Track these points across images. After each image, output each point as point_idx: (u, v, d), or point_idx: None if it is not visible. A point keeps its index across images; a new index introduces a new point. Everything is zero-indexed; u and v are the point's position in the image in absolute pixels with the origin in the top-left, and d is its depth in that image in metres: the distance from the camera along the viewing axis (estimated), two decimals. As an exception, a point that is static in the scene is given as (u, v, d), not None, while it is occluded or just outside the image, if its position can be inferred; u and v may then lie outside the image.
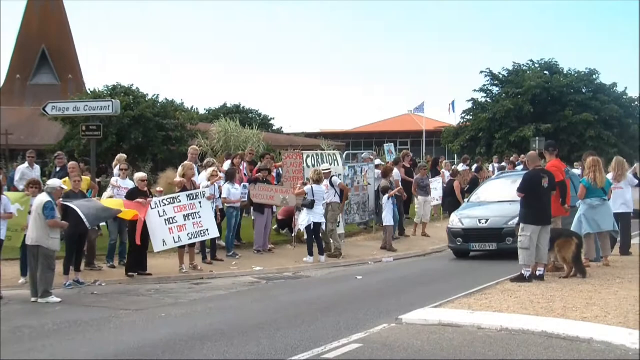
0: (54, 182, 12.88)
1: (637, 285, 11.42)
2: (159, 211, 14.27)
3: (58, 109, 17.50)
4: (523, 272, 12.22)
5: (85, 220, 12.80)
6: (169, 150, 34.54)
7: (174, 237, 14.37)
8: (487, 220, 16.27)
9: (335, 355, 7.86)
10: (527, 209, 12.43)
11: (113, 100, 16.35)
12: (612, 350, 7.81)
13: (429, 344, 8.28)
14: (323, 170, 17.25)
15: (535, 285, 11.69)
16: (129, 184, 15.28)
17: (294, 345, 8.37)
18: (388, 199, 18.31)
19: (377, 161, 22.18)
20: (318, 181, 16.53)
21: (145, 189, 14.63)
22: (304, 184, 16.80)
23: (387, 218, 18.25)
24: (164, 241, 14.33)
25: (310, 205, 16.23)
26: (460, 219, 16.80)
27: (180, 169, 15.57)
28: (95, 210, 13.29)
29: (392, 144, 29.88)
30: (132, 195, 14.34)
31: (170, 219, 14.34)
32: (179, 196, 14.67)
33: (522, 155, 30.02)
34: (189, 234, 14.56)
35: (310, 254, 16.31)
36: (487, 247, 16.19)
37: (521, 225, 12.50)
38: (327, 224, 16.99)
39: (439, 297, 11.06)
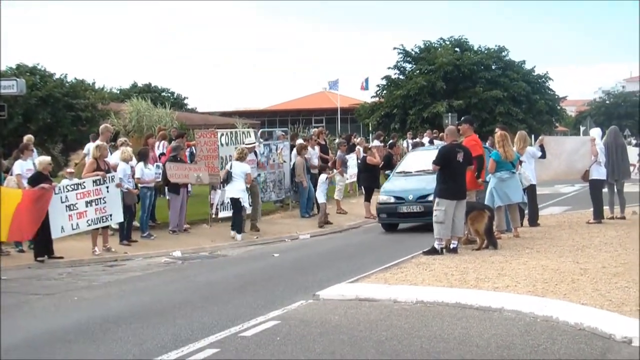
0: None
1: (545, 255, 11.81)
2: (61, 197, 13.89)
3: (-44, 88, 16.57)
4: (436, 245, 12.45)
5: None
6: (79, 130, 33.69)
7: (72, 224, 14.06)
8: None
9: (253, 332, 7.83)
10: (442, 184, 12.61)
11: (17, 79, 15.73)
12: (522, 317, 8.04)
13: (346, 319, 8.35)
14: (248, 145, 17.22)
15: (449, 258, 11.93)
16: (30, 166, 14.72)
17: (211, 325, 8.30)
18: (326, 179, 19.04)
19: (300, 140, 22.18)
20: (240, 159, 16.40)
21: (48, 172, 14.16)
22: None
23: (321, 196, 18.81)
24: (62, 227, 13.97)
25: (227, 181, 16.19)
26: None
27: (94, 150, 15.10)
28: None
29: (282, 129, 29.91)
30: (35, 180, 13.83)
31: (72, 206, 14.01)
32: (84, 182, 14.32)
33: (436, 130, 30.59)
34: (88, 220, 14.26)
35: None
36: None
37: (436, 199, 12.68)
38: (257, 198, 17.29)
39: (356, 272, 11.18)
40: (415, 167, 17.63)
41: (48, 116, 33.04)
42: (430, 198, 13.83)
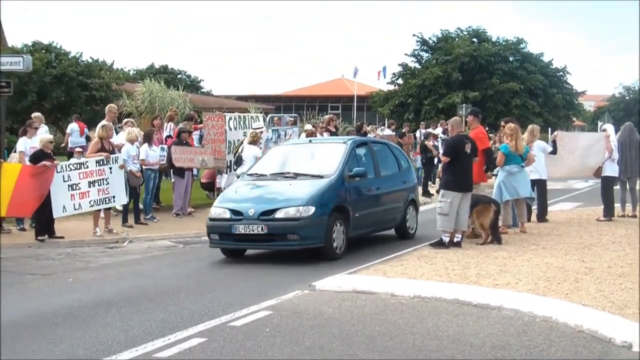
0: None
1: (550, 252, 11.56)
2: (63, 176, 13.74)
3: (-39, 64, 16.42)
4: (442, 238, 12.22)
5: None
6: (93, 110, 33.60)
7: (74, 204, 13.89)
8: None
9: (243, 322, 7.64)
10: (449, 175, 12.37)
11: (24, 55, 15.57)
12: (520, 317, 7.82)
13: (340, 311, 8.15)
14: (256, 129, 17.05)
15: (452, 252, 11.69)
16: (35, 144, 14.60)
17: (202, 312, 8.13)
18: None
19: (308, 126, 21.93)
20: (253, 142, 16.24)
21: (50, 151, 14.03)
22: None
23: None
24: (64, 207, 13.81)
25: (238, 164, 16.02)
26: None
27: (100, 130, 14.95)
28: None
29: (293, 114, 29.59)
30: (36, 157, 13.70)
31: (74, 185, 13.85)
32: (87, 162, 14.17)
33: (443, 121, 30.19)
34: (91, 201, 14.11)
35: None
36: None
37: (441, 191, 12.48)
38: None
39: (356, 263, 10.95)
40: (275, 169, 12.78)
41: (62, 94, 32.97)
42: (279, 215, 11.21)
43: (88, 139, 19.69)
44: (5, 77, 15.74)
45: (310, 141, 14.96)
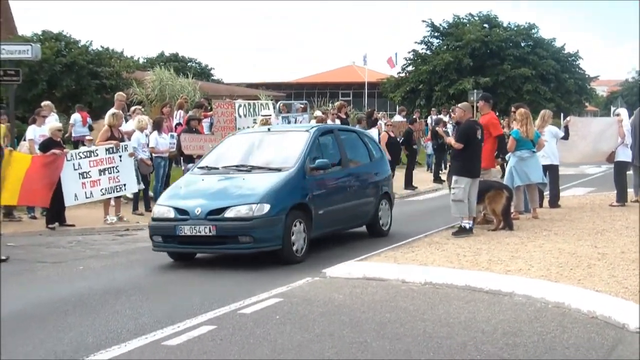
0: None
1: (562, 237, 11.45)
2: (74, 164, 13.76)
3: (-30, 52, 16.43)
4: (463, 224, 12.05)
5: None
6: (103, 98, 33.62)
7: (85, 192, 13.92)
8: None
9: (253, 310, 7.60)
10: (462, 161, 12.20)
11: (32, 44, 15.56)
12: (532, 303, 7.74)
13: (350, 299, 8.10)
14: (265, 116, 16.98)
15: (463, 238, 11.60)
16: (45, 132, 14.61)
17: (211, 300, 8.08)
18: None
19: (317, 112, 21.82)
20: None
21: (59, 139, 14.02)
22: None
23: None
24: (75, 195, 13.83)
25: None
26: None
27: (110, 117, 14.91)
28: None
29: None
30: (46, 146, 13.70)
31: (85, 173, 13.86)
32: (96, 150, 14.16)
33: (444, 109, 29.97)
34: (102, 189, 14.11)
35: None
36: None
37: (454, 177, 12.27)
38: None
39: (367, 250, 10.89)
40: (228, 161, 11.45)
41: (72, 83, 33.01)
42: (229, 214, 9.92)
43: (91, 128, 19.69)
44: (15, 65, 15.74)
45: (269, 129, 12.87)
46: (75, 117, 20.85)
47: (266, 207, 9.97)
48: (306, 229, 10.56)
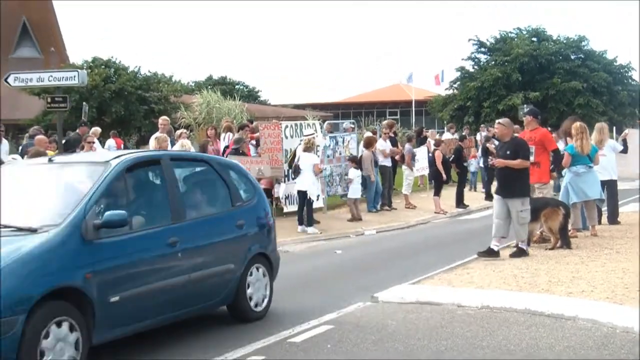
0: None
1: (625, 256, 10.93)
2: None
3: (21, 79, 16.46)
4: (522, 247, 11.51)
5: None
6: (152, 123, 33.91)
7: None
8: None
9: (303, 338, 7.33)
10: (524, 180, 11.59)
11: (79, 70, 15.66)
12: (598, 327, 7.32)
13: (404, 325, 7.77)
14: (307, 135, 16.71)
15: (520, 259, 11.16)
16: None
17: (259, 328, 7.84)
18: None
19: (368, 133, 21.47)
20: (308, 149, 15.97)
21: None
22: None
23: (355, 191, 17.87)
24: None
25: (296, 173, 15.85)
26: None
27: (154, 141, 14.86)
28: None
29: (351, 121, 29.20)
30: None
31: None
32: None
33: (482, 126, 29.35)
34: None
35: (301, 223, 15.83)
36: None
37: (521, 199, 11.41)
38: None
39: (420, 272, 10.56)
40: None
41: (121, 109, 33.41)
42: None
43: None
44: (63, 92, 15.84)
45: (49, 160, 8.02)
46: (110, 143, 20.99)
47: None
48: (81, 335, 6.25)
